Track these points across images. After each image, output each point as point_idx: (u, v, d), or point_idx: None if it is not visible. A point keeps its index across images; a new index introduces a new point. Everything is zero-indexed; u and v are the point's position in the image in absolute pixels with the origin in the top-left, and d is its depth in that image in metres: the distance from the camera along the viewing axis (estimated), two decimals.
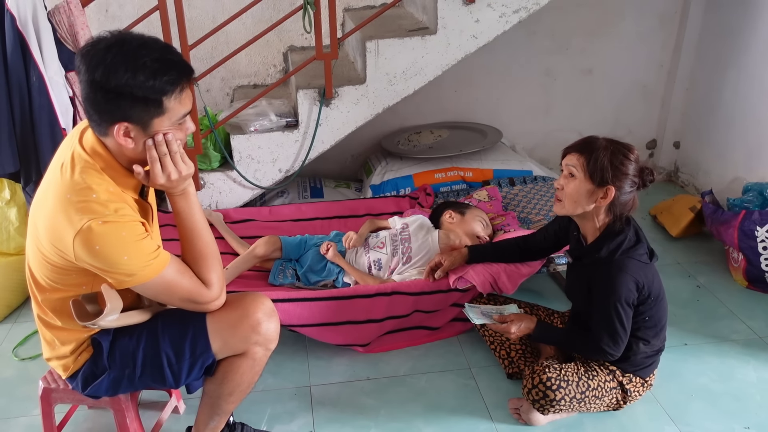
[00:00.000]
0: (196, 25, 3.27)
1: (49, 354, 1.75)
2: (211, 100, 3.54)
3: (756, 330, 2.58)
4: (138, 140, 1.50)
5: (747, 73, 3.22)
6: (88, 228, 1.44)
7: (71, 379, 1.76)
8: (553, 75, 3.73)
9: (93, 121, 1.51)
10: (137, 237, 1.51)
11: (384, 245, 2.66)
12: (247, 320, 1.70)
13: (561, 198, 2.01)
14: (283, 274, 2.66)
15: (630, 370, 2.09)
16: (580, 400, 2.02)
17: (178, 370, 1.70)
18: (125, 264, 1.49)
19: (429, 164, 3.32)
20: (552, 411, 2.02)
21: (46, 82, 2.48)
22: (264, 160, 2.98)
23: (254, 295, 1.76)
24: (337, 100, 2.90)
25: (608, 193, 1.92)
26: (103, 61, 1.42)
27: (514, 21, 2.83)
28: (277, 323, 1.76)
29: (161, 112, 1.48)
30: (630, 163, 1.93)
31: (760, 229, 2.71)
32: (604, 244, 1.97)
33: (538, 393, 1.99)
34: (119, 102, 1.44)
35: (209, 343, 1.69)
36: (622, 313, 1.94)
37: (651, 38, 3.69)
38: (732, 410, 2.18)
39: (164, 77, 1.45)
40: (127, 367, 1.70)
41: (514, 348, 2.30)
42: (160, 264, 1.55)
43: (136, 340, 1.70)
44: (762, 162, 3.13)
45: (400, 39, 2.82)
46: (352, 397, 2.27)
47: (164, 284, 1.58)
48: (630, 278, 1.92)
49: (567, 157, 1.99)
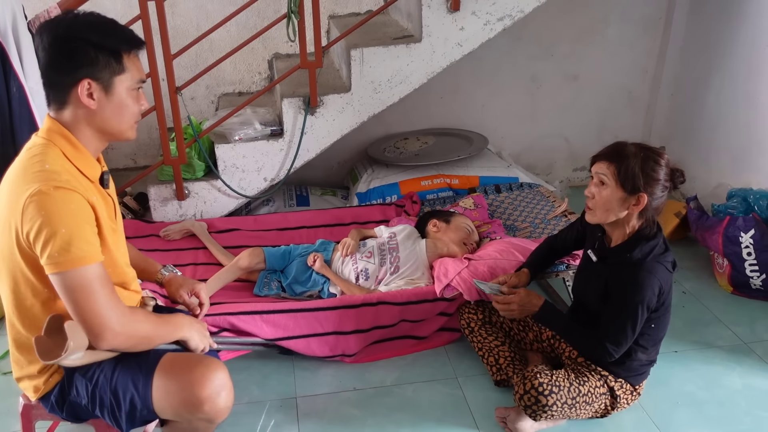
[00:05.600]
0: (179, 32, 3.26)
1: (19, 374, 1.69)
2: (196, 107, 3.52)
3: (741, 336, 2.59)
4: (101, 103, 1.54)
5: (730, 78, 3.24)
6: (38, 191, 1.45)
7: (44, 401, 1.70)
8: (539, 81, 3.74)
9: (53, 88, 1.55)
10: (83, 215, 1.49)
11: (372, 255, 2.65)
12: (191, 397, 1.58)
13: (592, 207, 1.99)
14: (268, 286, 2.64)
15: (623, 375, 2.09)
16: (571, 406, 2.02)
17: (119, 416, 1.63)
18: (61, 237, 1.44)
19: (415, 172, 3.31)
20: (543, 417, 2.02)
21: (26, 92, 2.46)
22: (249, 169, 2.96)
23: (206, 366, 1.62)
24: (322, 108, 2.89)
25: (641, 200, 1.91)
26: (62, 22, 1.53)
27: (498, 29, 2.84)
28: (228, 398, 1.63)
29: (122, 70, 1.55)
30: (661, 168, 1.92)
31: (744, 234, 2.73)
32: (636, 246, 1.96)
33: (530, 398, 1.98)
34: (83, 54, 1.50)
35: (150, 401, 1.61)
36: (639, 316, 1.94)
37: (636, 44, 3.71)
38: (718, 417, 2.19)
39: (121, 36, 1.56)
40: (83, 399, 1.65)
41: (502, 355, 2.29)
42: (90, 255, 1.48)
43: (90, 376, 1.64)
44: (746, 167, 3.15)
45: (385, 47, 2.82)
46: (338, 408, 2.26)
47: (84, 280, 1.48)
48: (657, 282, 1.93)
49: (596, 164, 1.97)
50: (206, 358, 1.68)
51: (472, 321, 2.36)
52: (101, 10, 3.14)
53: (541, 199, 3.11)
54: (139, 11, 2.61)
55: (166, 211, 2.99)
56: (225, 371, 1.65)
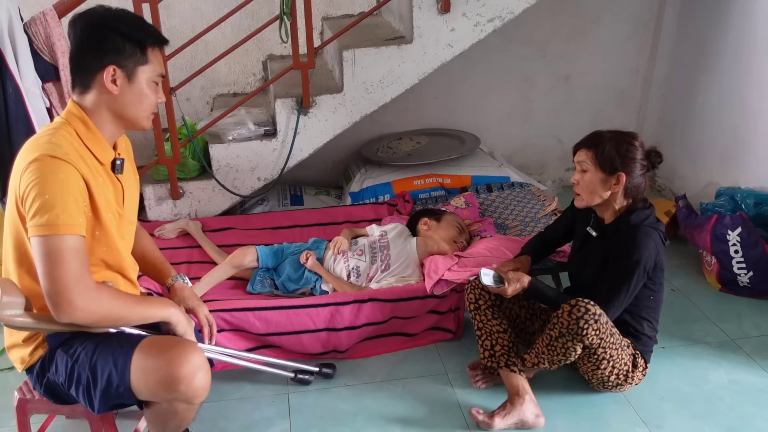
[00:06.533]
0: (175, 34, 3.29)
1: (8, 341, 1.75)
2: (191, 108, 3.55)
3: (728, 332, 2.62)
4: (123, 89, 1.65)
5: (719, 79, 3.27)
6: (36, 158, 1.55)
7: (29, 373, 1.76)
8: (531, 81, 3.77)
9: (80, 72, 1.65)
10: (71, 187, 1.54)
11: (363, 253, 2.69)
12: (167, 376, 1.61)
13: (578, 192, 2.15)
14: (262, 284, 2.68)
15: (639, 348, 2.19)
16: (607, 337, 2.03)
17: (93, 394, 1.66)
18: (44, 202, 1.51)
19: (408, 171, 3.35)
20: (582, 337, 1.99)
21: (22, 93, 2.48)
22: (243, 168, 3.00)
23: (183, 347, 1.66)
24: (315, 108, 2.92)
25: (620, 179, 2.06)
26: (98, 11, 1.65)
27: (488, 30, 2.88)
28: (204, 378, 1.65)
29: (145, 61, 1.66)
30: (635, 149, 2.08)
31: (732, 232, 2.76)
32: (633, 212, 2.10)
33: (578, 310, 1.98)
34: (114, 40, 1.62)
35: (128, 378, 1.64)
36: (636, 276, 2.04)
37: (627, 45, 3.74)
38: (702, 412, 2.22)
39: (146, 30, 1.69)
40: (60, 377, 1.69)
41: (500, 342, 2.20)
42: (69, 227, 1.52)
43: (72, 353, 1.68)
44: (734, 167, 3.18)
45: (377, 48, 2.86)
46: (329, 403, 2.29)
47: (57, 249, 1.51)
48: (653, 246, 2.06)
49: (577, 153, 2.14)
50: (184, 340, 1.74)
51: (482, 298, 2.26)
52: None
53: (531, 198, 3.14)
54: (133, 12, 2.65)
55: (161, 210, 3.03)
56: (202, 353, 1.69)
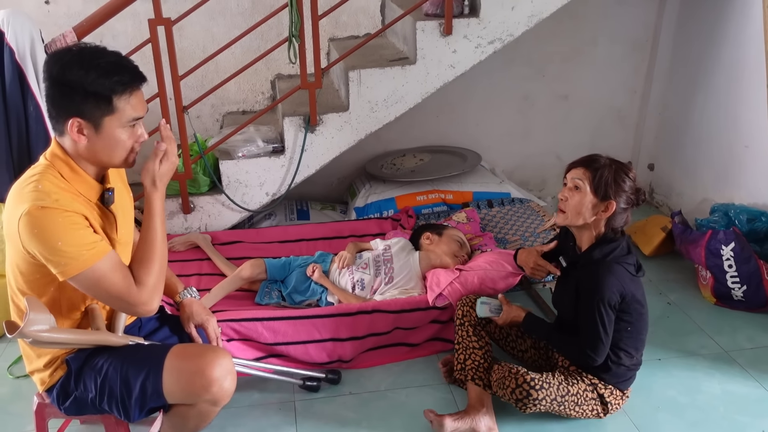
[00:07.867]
0: (187, 54, 3.40)
1: (30, 367, 1.85)
2: (202, 126, 3.66)
3: (722, 345, 2.69)
4: (91, 139, 1.63)
5: (713, 98, 3.37)
6: (27, 212, 1.56)
7: (48, 393, 1.85)
8: (531, 100, 3.87)
9: (52, 119, 1.65)
10: (74, 225, 1.59)
11: (367, 266, 2.77)
12: (201, 378, 1.74)
13: (564, 209, 2.13)
14: (269, 295, 2.76)
15: (612, 382, 2.18)
16: (560, 403, 2.11)
17: (129, 405, 1.76)
18: (60, 249, 1.57)
19: (411, 187, 3.44)
20: (533, 409, 2.09)
21: (42, 111, 2.59)
22: (252, 184, 3.09)
23: (215, 352, 1.80)
24: (322, 126, 3.02)
25: (609, 207, 2.07)
26: (61, 60, 1.59)
27: (489, 51, 2.98)
28: (232, 382, 1.80)
29: (111, 111, 1.61)
30: (629, 181, 2.09)
31: (725, 248, 2.84)
32: (597, 247, 2.11)
33: (521, 392, 2.06)
34: (73, 96, 1.58)
35: (161, 387, 1.74)
36: (605, 315, 2.03)
37: (624, 65, 3.84)
38: (697, 421, 2.29)
39: (115, 77, 1.60)
40: (90, 393, 1.78)
41: (473, 358, 2.28)
42: (95, 255, 1.61)
43: (99, 369, 1.77)
44: (728, 183, 3.27)
45: (381, 68, 2.96)
46: (334, 411, 2.36)
47: (97, 277, 1.62)
48: (615, 281, 2.04)
49: (572, 171, 2.13)
50: (213, 347, 1.88)
51: (467, 315, 2.33)
52: (113, 33, 3.37)
53: (531, 214, 3.23)
54: (149, 35, 2.76)
55: (172, 224, 3.12)
56: (231, 359, 1.83)
